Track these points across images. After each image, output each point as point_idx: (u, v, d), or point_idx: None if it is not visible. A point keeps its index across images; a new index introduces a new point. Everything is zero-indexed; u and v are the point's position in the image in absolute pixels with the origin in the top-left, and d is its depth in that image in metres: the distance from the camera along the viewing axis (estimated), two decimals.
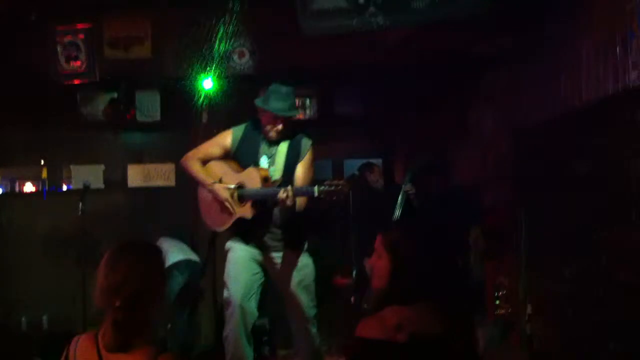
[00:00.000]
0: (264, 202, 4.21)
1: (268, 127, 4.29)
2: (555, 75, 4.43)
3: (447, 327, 2.26)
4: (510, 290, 5.40)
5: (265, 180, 4.20)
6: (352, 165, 6.66)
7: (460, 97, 6.15)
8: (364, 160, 6.36)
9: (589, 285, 4.09)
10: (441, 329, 2.26)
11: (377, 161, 6.66)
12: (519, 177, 5.18)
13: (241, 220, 4.24)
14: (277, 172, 4.26)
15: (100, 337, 2.25)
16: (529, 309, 5.05)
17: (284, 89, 4.26)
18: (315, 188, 3.93)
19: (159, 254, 2.39)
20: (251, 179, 4.23)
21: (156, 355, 2.20)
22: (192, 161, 4.40)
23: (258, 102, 4.29)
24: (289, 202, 3.98)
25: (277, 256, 4.36)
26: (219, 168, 4.40)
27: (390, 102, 6.56)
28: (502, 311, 5.52)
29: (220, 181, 4.32)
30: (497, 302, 5.61)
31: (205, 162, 4.40)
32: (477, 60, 5.47)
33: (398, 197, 5.56)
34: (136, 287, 2.20)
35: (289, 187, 4.02)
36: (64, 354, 2.31)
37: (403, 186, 5.55)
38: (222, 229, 4.39)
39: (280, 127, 4.26)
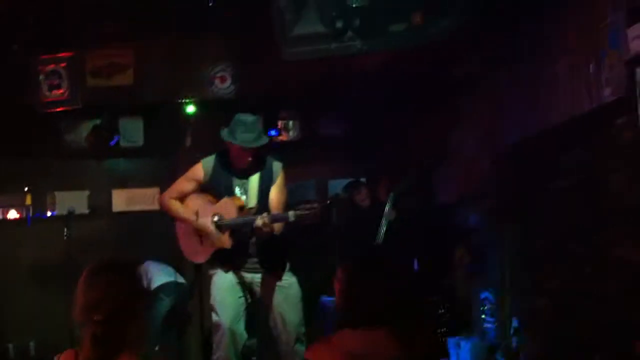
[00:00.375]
0: (241, 231, 4.23)
1: (237, 159, 4.31)
2: (532, 93, 4.52)
3: (403, 352, 2.25)
4: (495, 306, 5.46)
5: (241, 209, 4.22)
6: (335, 186, 6.69)
7: (441, 117, 6.23)
8: (348, 180, 6.40)
9: (573, 299, 4.15)
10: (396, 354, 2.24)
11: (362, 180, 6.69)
12: (500, 194, 5.25)
13: (220, 250, 4.26)
14: (251, 200, 4.29)
15: (80, 354, 2.24)
16: (514, 323, 5.10)
17: (249, 119, 4.25)
18: (290, 213, 3.97)
19: (137, 272, 2.37)
20: (227, 210, 4.24)
21: None
22: (170, 201, 4.43)
23: (224, 134, 4.25)
24: (265, 230, 4.02)
25: (260, 278, 4.39)
26: (194, 202, 4.41)
27: (371, 123, 6.63)
28: (488, 326, 5.57)
29: (197, 214, 4.34)
30: (483, 316, 5.66)
31: (181, 198, 4.42)
32: (455, 80, 5.55)
33: (382, 217, 5.61)
34: (114, 303, 2.19)
35: (265, 215, 4.05)
36: None
37: (385, 211, 5.59)
38: (201, 260, 4.41)
39: (248, 159, 4.28)
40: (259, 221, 4.02)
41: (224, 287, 4.33)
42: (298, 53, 3.99)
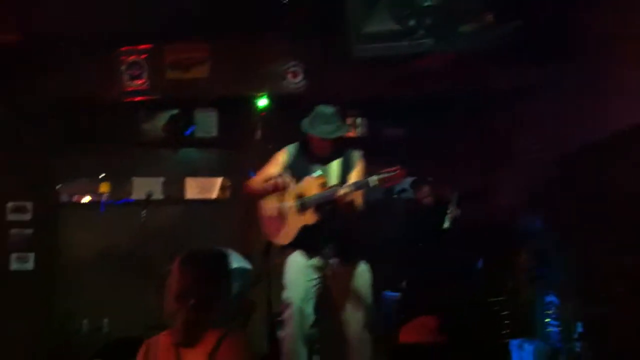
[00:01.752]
0: (324, 206, 4.34)
1: (317, 149, 4.45)
2: (599, 97, 4.46)
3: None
4: (560, 309, 5.40)
5: (323, 185, 4.36)
6: (399, 185, 6.73)
7: (508, 120, 6.19)
8: (412, 179, 6.41)
9: (638, 306, 4.09)
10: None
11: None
12: (565, 198, 5.19)
13: (303, 230, 4.40)
14: (332, 181, 4.40)
15: (173, 336, 2.43)
16: (579, 328, 5.04)
17: (328, 111, 4.39)
18: (372, 178, 4.06)
19: (225, 260, 2.56)
20: (309, 187, 4.39)
21: (221, 339, 2.37)
22: (255, 184, 4.61)
23: (304, 125, 4.43)
24: (347, 198, 4.11)
25: (334, 263, 4.50)
26: (286, 179, 4.56)
27: (437, 124, 6.62)
28: (552, 329, 5.52)
29: (281, 196, 4.50)
30: (547, 320, 5.60)
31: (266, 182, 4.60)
32: (521, 83, 5.51)
33: (444, 217, 5.62)
34: (205, 289, 2.38)
35: (346, 183, 4.16)
36: (142, 352, 2.50)
37: (448, 211, 5.60)
38: (285, 242, 4.54)
39: (328, 149, 4.41)
40: (340, 191, 4.12)
41: (297, 267, 4.47)
42: (368, 50, 4.06)
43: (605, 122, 4.37)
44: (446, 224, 5.43)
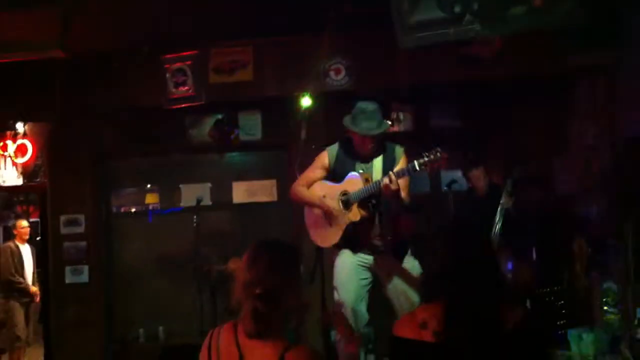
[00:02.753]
0: (369, 200, 4.34)
1: (360, 146, 4.44)
2: None
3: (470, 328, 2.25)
4: (618, 296, 5.30)
5: (367, 181, 4.35)
6: (448, 177, 6.67)
7: (559, 108, 6.10)
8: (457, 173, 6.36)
9: None
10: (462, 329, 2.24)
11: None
12: (623, 186, 5.10)
13: (349, 230, 4.39)
14: (376, 177, 4.39)
15: (239, 326, 2.39)
16: (638, 314, 4.95)
17: (370, 107, 4.38)
18: (415, 163, 4.04)
19: (295, 253, 2.51)
20: (353, 183, 4.39)
21: (287, 348, 2.29)
22: (299, 188, 4.63)
23: (346, 122, 4.44)
24: (393, 187, 4.10)
25: (382, 259, 4.48)
26: (320, 187, 4.58)
27: (487, 115, 6.55)
28: (611, 317, 5.42)
29: (324, 197, 4.50)
30: (605, 307, 5.50)
31: (309, 186, 4.61)
32: (575, 71, 5.43)
33: (497, 205, 5.54)
34: (274, 280, 2.32)
35: (390, 172, 4.15)
36: (207, 342, 2.47)
37: (501, 200, 5.51)
38: (333, 242, 4.54)
39: (370, 145, 4.40)
40: (385, 180, 4.11)
41: (347, 268, 4.46)
42: (417, 39, 4.03)
43: None
44: (497, 222, 5.35)
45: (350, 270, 4.47)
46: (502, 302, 2.30)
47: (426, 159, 4.07)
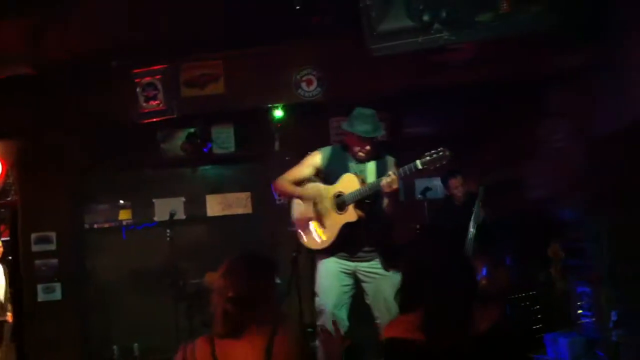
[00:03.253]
0: (365, 201, 4.33)
1: (356, 149, 4.46)
2: (625, 83, 4.43)
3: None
4: (593, 299, 5.35)
5: (363, 182, 4.35)
6: (422, 185, 6.70)
7: (531, 110, 6.17)
8: (432, 180, 6.38)
9: None
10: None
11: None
12: (595, 186, 5.15)
13: (344, 228, 4.39)
14: (371, 180, 4.38)
15: (213, 331, 2.51)
16: (614, 317, 4.99)
17: (367, 112, 4.43)
18: (418, 162, 4.06)
19: (270, 265, 2.67)
20: (349, 184, 4.38)
21: (272, 336, 2.44)
22: (285, 182, 4.59)
23: (345, 126, 4.46)
24: (394, 185, 4.11)
25: (368, 266, 4.48)
26: (312, 187, 4.56)
27: (459, 122, 6.61)
28: (587, 320, 5.46)
29: (316, 197, 4.49)
30: (580, 311, 5.55)
31: (297, 184, 4.58)
32: (547, 73, 5.50)
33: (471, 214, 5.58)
34: (248, 288, 2.49)
35: (390, 172, 4.16)
36: (180, 357, 2.52)
37: (475, 207, 5.56)
38: (327, 244, 4.52)
39: (367, 147, 4.42)
40: (386, 178, 4.12)
41: (329, 273, 4.44)
42: (387, 48, 4.06)
43: (631, 107, 4.34)
44: (472, 230, 5.39)
45: (332, 276, 4.45)
46: (476, 306, 2.33)
47: (428, 158, 4.09)
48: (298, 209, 4.64)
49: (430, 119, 6.67)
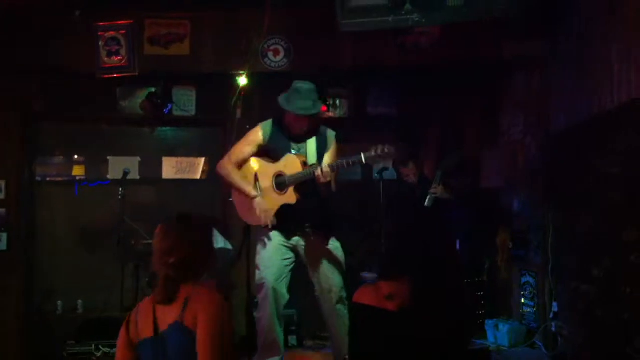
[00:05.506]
0: (305, 185, 4.34)
1: (293, 126, 4.43)
2: (585, 76, 4.49)
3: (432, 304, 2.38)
4: (536, 290, 5.47)
5: (305, 164, 4.34)
6: (380, 165, 6.73)
7: (491, 99, 6.22)
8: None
9: (617, 286, 4.14)
10: (425, 305, 2.38)
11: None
12: (547, 178, 5.24)
13: (282, 209, 4.37)
14: (310, 160, 4.39)
15: (154, 295, 2.57)
16: (555, 308, 5.11)
17: (305, 87, 4.38)
18: (362, 156, 4.06)
19: (207, 226, 2.70)
20: (291, 165, 4.37)
21: (194, 286, 2.53)
22: (229, 166, 4.56)
23: (281, 101, 4.41)
24: (324, 179, 4.18)
25: (308, 240, 4.50)
26: (254, 164, 4.54)
27: (421, 103, 6.64)
28: (528, 309, 5.59)
29: (256, 177, 4.46)
30: (523, 300, 5.67)
31: (240, 164, 4.55)
32: (506, 62, 5.54)
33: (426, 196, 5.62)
34: (186, 252, 2.52)
35: (326, 164, 4.16)
36: (128, 317, 2.62)
37: (431, 188, 5.60)
38: (261, 223, 4.51)
39: (304, 125, 4.39)
40: (317, 171, 4.12)
41: (270, 247, 4.47)
42: (355, 25, 4.03)
43: (593, 98, 4.39)
44: (427, 203, 5.44)
45: (273, 250, 4.47)
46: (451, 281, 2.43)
47: (374, 154, 4.08)
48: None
49: (392, 99, 6.68)
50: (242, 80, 5.80)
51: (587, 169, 4.57)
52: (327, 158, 4.48)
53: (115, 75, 5.56)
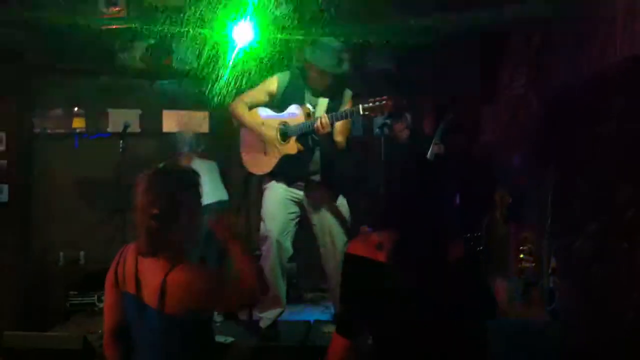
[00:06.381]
0: (308, 136, 4.33)
1: (313, 80, 4.39)
2: (589, 33, 4.44)
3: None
4: (534, 246, 5.50)
5: (308, 116, 4.32)
6: (379, 120, 6.70)
7: (493, 55, 6.17)
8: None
9: (612, 242, 4.17)
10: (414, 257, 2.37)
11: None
12: (546, 135, 5.23)
13: (283, 160, 4.37)
14: (319, 114, 4.35)
15: (137, 249, 2.55)
16: (552, 263, 5.15)
17: (334, 44, 4.32)
18: (360, 107, 4.04)
19: (193, 176, 2.62)
20: (294, 116, 4.34)
21: (175, 263, 2.46)
22: (241, 104, 4.53)
23: (307, 53, 4.35)
24: (323, 130, 4.15)
25: (314, 195, 4.50)
26: (261, 112, 4.52)
27: (421, 59, 6.57)
28: (526, 265, 5.63)
29: (263, 124, 4.46)
30: (521, 256, 5.71)
31: (251, 107, 4.53)
32: (512, 21, 5.48)
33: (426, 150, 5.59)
34: (168, 201, 2.47)
35: (327, 114, 4.15)
36: (116, 259, 2.66)
37: (432, 144, 5.57)
38: (266, 171, 4.51)
39: (326, 81, 4.35)
40: (317, 121, 4.10)
41: (276, 200, 4.47)
42: None
43: (590, 59, 4.36)
44: (429, 156, 5.43)
45: (279, 203, 4.47)
46: (446, 235, 2.40)
47: (371, 104, 4.05)
48: (245, 132, 4.61)
49: (389, 53, 6.62)
50: (245, 34, 5.71)
51: (586, 126, 4.56)
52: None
53: (114, 27, 5.49)
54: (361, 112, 4.09)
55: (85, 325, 5.08)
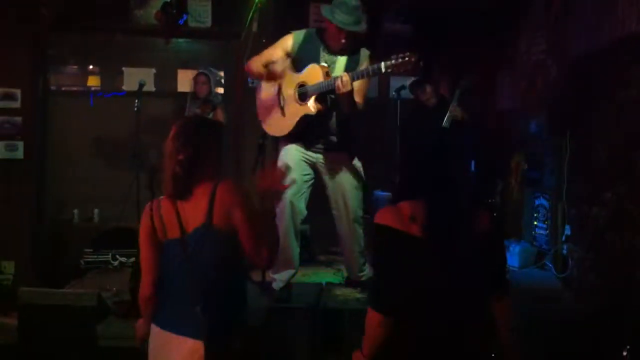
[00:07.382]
0: (326, 96, 4.27)
1: (331, 39, 4.32)
2: (606, 4, 4.34)
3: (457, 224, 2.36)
4: (549, 213, 5.48)
5: (327, 75, 4.25)
6: (396, 84, 6.64)
7: (510, 20, 6.07)
8: (411, 79, 6.30)
9: (628, 209, 4.14)
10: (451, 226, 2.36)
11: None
12: (564, 102, 5.16)
13: (303, 122, 4.34)
14: (337, 74, 4.25)
15: (164, 192, 2.65)
16: (567, 231, 5.14)
17: (352, 2, 4.22)
18: (382, 64, 3.97)
19: (218, 127, 2.81)
20: (313, 75, 4.28)
21: (215, 185, 2.57)
22: (257, 64, 4.46)
23: (325, 12, 4.27)
24: (344, 88, 4.04)
25: (329, 157, 4.48)
26: (279, 68, 4.44)
27: (439, 24, 6.47)
28: (540, 232, 5.62)
29: (279, 86, 4.41)
30: (535, 222, 5.70)
31: (267, 65, 4.46)
32: None
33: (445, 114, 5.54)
34: (194, 150, 2.59)
35: (344, 73, 4.08)
36: (148, 212, 2.66)
37: (450, 108, 5.51)
38: (285, 132, 4.48)
39: (343, 40, 4.27)
40: (338, 80, 4.06)
41: (291, 161, 4.42)
42: None
43: (608, 25, 4.27)
44: (445, 123, 5.37)
45: (293, 164, 4.43)
46: (472, 205, 2.41)
47: (394, 61, 3.95)
48: (263, 92, 4.57)
49: (407, 17, 6.52)
50: None
51: (605, 94, 4.49)
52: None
53: None
54: (383, 70, 3.99)
55: (100, 283, 5.13)
